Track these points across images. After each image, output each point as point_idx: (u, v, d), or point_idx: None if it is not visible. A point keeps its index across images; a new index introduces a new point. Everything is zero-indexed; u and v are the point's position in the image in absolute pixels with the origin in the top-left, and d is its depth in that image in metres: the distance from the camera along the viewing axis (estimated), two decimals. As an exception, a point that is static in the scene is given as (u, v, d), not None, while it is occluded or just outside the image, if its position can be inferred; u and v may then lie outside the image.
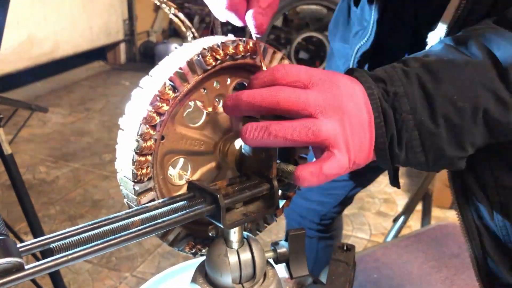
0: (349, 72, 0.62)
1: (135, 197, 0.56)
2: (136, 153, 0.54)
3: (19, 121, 3.83)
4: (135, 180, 0.56)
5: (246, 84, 0.65)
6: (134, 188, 0.56)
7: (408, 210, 1.93)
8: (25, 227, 2.50)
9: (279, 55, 0.64)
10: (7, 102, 1.72)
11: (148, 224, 0.50)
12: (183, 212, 0.53)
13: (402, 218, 1.92)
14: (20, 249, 0.43)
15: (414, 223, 2.50)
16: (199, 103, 0.61)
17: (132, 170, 0.55)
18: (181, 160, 0.62)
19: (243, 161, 0.62)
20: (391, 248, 1.33)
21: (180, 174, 0.62)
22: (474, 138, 0.62)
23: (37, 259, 1.44)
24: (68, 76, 4.91)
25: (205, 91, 0.60)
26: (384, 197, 2.99)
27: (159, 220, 0.51)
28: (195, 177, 0.63)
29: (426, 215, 1.98)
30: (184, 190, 0.61)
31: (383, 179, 3.15)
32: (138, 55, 5.45)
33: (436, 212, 2.04)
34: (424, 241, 1.36)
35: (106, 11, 5.04)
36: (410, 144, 0.61)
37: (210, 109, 0.61)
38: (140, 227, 0.49)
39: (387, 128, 0.59)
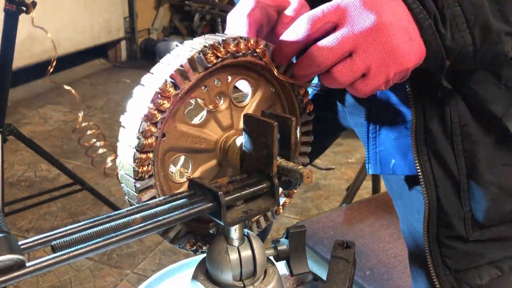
0: None
1: (136, 194, 0.57)
2: (137, 150, 0.55)
3: (19, 118, 3.83)
4: (136, 178, 0.56)
5: (248, 82, 0.65)
6: (135, 186, 0.56)
7: (357, 180, 2.03)
8: (26, 224, 2.51)
9: (280, 52, 0.64)
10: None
11: (149, 222, 0.50)
12: (184, 209, 0.53)
13: (354, 186, 2.02)
14: (21, 246, 0.43)
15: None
16: (200, 101, 0.61)
17: (133, 168, 0.55)
18: (182, 158, 0.62)
19: (243, 159, 0.62)
20: (345, 211, 1.49)
21: (181, 171, 0.62)
22: None
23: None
24: (69, 74, 4.89)
25: (206, 88, 0.60)
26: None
27: (160, 218, 0.51)
28: (196, 174, 0.63)
29: (375, 190, 2.05)
30: (185, 187, 0.61)
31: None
32: (138, 53, 5.45)
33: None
34: (374, 205, 1.52)
35: (107, 9, 5.03)
36: (454, 21, 0.61)
37: (211, 107, 0.61)
38: (141, 225, 0.49)
39: (426, 9, 0.60)
